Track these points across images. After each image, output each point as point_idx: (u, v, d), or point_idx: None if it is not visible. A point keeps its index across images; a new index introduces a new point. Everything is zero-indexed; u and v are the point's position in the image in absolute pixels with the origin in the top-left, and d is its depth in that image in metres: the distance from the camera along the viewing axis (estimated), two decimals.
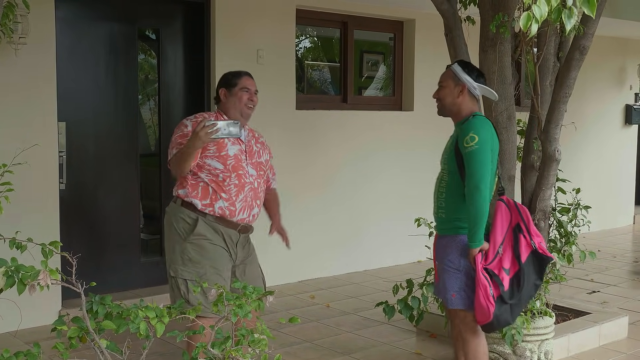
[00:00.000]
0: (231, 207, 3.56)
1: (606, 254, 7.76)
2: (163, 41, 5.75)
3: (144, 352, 2.44)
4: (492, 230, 3.42)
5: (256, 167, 3.68)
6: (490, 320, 3.32)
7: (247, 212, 3.62)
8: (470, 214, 3.30)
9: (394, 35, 7.23)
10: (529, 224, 3.46)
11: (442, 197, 3.46)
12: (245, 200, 3.59)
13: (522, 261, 3.39)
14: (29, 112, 4.89)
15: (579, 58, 4.42)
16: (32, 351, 2.31)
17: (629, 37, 9.32)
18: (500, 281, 3.33)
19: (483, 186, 3.26)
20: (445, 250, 3.45)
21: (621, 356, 4.56)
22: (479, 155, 3.28)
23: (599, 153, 9.28)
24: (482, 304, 3.29)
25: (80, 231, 5.34)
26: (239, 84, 3.72)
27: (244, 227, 3.64)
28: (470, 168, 3.29)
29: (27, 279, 2.20)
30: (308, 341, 4.77)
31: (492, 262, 3.34)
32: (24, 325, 4.43)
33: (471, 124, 3.37)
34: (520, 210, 3.48)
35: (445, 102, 3.49)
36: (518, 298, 3.39)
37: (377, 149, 6.93)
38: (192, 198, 3.56)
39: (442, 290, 3.46)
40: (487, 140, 3.32)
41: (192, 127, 3.57)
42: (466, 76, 3.44)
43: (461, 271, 3.38)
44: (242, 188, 3.58)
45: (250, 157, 3.67)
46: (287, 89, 6.26)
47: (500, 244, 3.39)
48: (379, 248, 6.94)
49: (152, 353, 2.75)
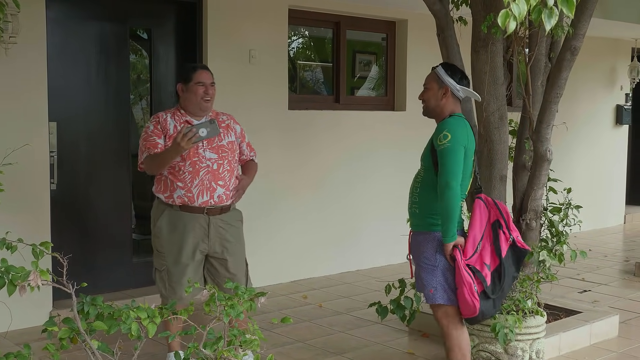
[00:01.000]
0: (188, 193, 3.71)
1: (597, 253, 7.79)
2: (155, 41, 5.73)
3: (136, 352, 2.43)
4: (471, 226, 3.53)
5: (217, 150, 3.78)
6: (476, 315, 3.42)
7: (207, 194, 3.73)
8: (441, 210, 3.39)
9: (387, 35, 7.24)
10: (508, 220, 3.56)
11: (417, 192, 3.56)
12: (202, 184, 3.72)
13: (502, 256, 3.49)
14: (20, 112, 4.86)
15: (570, 59, 4.43)
16: (23, 352, 2.30)
17: (619, 38, 9.36)
18: (484, 277, 3.43)
19: (454, 183, 3.34)
20: (420, 247, 3.54)
21: (612, 355, 4.58)
22: (451, 153, 3.37)
23: (590, 153, 9.31)
24: (468, 300, 3.38)
25: (71, 231, 5.31)
26: (194, 79, 3.81)
27: (210, 209, 3.72)
28: (442, 165, 3.39)
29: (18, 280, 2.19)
30: (300, 341, 4.77)
31: (471, 257, 3.44)
32: (15, 326, 4.40)
33: (446, 123, 3.48)
34: (500, 207, 3.58)
35: (430, 104, 3.60)
36: (500, 291, 3.50)
37: (369, 149, 6.93)
38: (157, 193, 3.83)
39: (420, 287, 3.56)
40: (460, 138, 3.41)
41: (153, 127, 3.79)
42: (449, 79, 3.53)
43: (437, 267, 3.46)
44: (197, 173, 3.71)
45: (209, 142, 3.75)
46: (279, 89, 6.25)
47: (480, 240, 3.48)
48: (371, 248, 6.94)
49: (144, 354, 2.74)
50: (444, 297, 3.46)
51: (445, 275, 3.46)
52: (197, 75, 3.81)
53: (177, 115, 3.84)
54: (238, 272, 3.90)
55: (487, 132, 4.42)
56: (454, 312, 3.50)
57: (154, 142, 3.75)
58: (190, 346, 2.37)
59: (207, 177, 3.71)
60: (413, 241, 3.60)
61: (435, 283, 3.46)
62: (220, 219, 3.81)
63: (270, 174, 5.98)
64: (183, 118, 3.82)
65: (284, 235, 6.36)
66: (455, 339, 3.52)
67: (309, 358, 4.46)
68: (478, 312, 3.39)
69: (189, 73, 3.86)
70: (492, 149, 4.42)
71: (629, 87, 9.78)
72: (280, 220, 6.34)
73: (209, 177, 3.72)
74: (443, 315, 3.52)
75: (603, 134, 9.57)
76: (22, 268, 2.23)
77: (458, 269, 3.39)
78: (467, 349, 3.56)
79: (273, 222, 6.23)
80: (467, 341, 3.56)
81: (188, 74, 3.86)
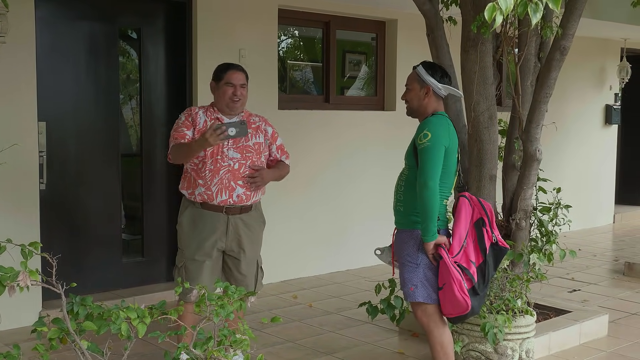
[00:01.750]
0: (207, 191, 3.73)
1: (587, 252, 7.83)
2: (144, 41, 5.72)
3: (126, 352, 2.43)
4: (456, 224, 3.54)
5: (241, 150, 3.78)
6: (467, 312, 3.43)
7: (227, 193, 3.74)
8: (420, 209, 3.41)
9: (376, 35, 7.25)
10: (491, 219, 3.57)
11: (401, 190, 3.58)
12: (221, 182, 3.72)
13: (486, 254, 3.51)
14: (9, 112, 4.84)
15: (559, 58, 4.45)
16: (12, 353, 2.29)
17: (609, 38, 9.40)
18: (472, 274, 3.45)
19: (432, 183, 3.36)
20: (402, 245, 3.55)
21: (601, 354, 4.60)
22: (430, 152, 3.38)
23: (579, 153, 9.35)
24: (458, 297, 3.38)
25: (60, 231, 5.29)
26: (224, 78, 3.82)
27: (229, 208, 3.73)
28: (421, 164, 3.41)
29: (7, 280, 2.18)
30: (291, 341, 4.77)
31: (457, 254, 3.45)
32: (4, 326, 4.39)
33: (427, 122, 3.49)
34: (484, 206, 3.59)
35: (413, 105, 3.64)
36: (485, 288, 3.53)
37: (359, 149, 6.94)
38: (182, 190, 3.86)
39: (402, 284, 3.57)
40: (440, 137, 3.41)
41: (185, 118, 3.83)
42: (430, 78, 3.54)
43: (419, 265, 3.47)
44: (217, 172, 3.71)
45: (235, 141, 3.75)
46: (269, 88, 6.25)
47: (465, 238, 3.49)
48: (361, 247, 6.93)
49: (134, 354, 2.73)
50: (423, 295, 3.48)
51: (427, 273, 3.47)
52: (228, 76, 3.80)
53: (209, 111, 3.85)
54: (248, 274, 3.92)
55: (476, 132, 4.43)
56: (433, 310, 3.51)
57: (182, 132, 3.77)
58: (180, 346, 2.37)
59: (226, 176, 3.71)
60: (397, 239, 3.62)
61: (415, 281, 3.48)
62: (241, 218, 3.82)
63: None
64: (215, 115, 3.82)
65: (273, 234, 6.35)
66: (437, 337, 3.53)
67: (299, 358, 4.46)
68: (469, 309, 3.40)
69: (220, 72, 3.85)
70: (482, 148, 4.43)
71: (618, 87, 9.82)
72: (270, 219, 6.29)
73: (229, 176, 3.72)
74: (422, 313, 3.53)
75: (592, 134, 9.62)
76: (11, 268, 2.22)
77: (446, 267, 3.39)
78: (450, 347, 3.56)
79: None
80: (449, 339, 3.57)
81: (220, 73, 3.85)
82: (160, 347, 4.27)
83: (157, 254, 5.84)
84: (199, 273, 3.76)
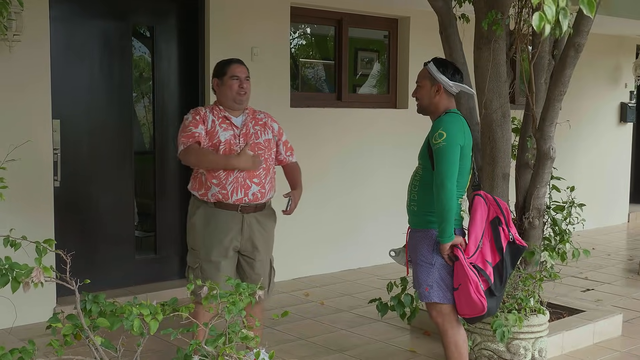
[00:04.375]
0: (222, 190, 3.69)
1: (601, 252, 7.78)
2: (157, 39, 5.74)
3: (139, 349, 2.44)
4: (472, 224, 3.50)
5: (253, 148, 3.76)
6: (483, 314, 3.40)
7: (242, 192, 3.71)
8: (437, 210, 3.36)
9: (389, 32, 7.23)
10: (508, 218, 3.54)
11: (415, 189, 3.54)
12: (236, 181, 3.70)
13: (503, 252, 3.47)
14: (24, 110, 4.87)
15: (574, 56, 4.42)
16: (27, 348, 2.31)
17: (624, 35, 9.34)
18: (488, 275, 3.41)
19: (449, 183, 3.32)
20: (417, 245, 3.52)
21: (615, 354, 4.58)
22: (447, 152, 3.33)
23: (593, 151, 9.29)
24: (475, 299, 3.34)
25: (74, 228, 5.32)
26: (228, 72, 3.78)
27: (244, 207, 3.72)
28: (438, 165, 3.36)
29: (21, 277, 2.20)
30: (302, 338, 4.78)
31: (473, 255, 3.41)
32: (19, 322, 4.42)
33: (442, 121, 3.44)
34: (500, 204, 3.56)
35: (423, 102, 3.58)
36: (502, 288, 3.49)
37: (371, 147, 6.93)
38: (193, 190, 3.82)
39: (416, 284, 3.55)
40: (456, 136, 3.37)
41: (191, 117, 3.77)
42: (441, 76, 3.50)
43: (434, 265, 3.44)
44: (232, 170, 3.69)
45: (246, 139, 3.74)
46: (281, 86, 6.25)
47: (481, 238, 3.46)
48: (373, 245, 6.94)
49: (146, 350, 2.75)
50: (439, 296, 3.45)
51: (442, 273, 3.44)
52: (232, 69, 3.78)
53: (215, 111, 3.81)
54: (263, 274, 3.90)
55: (489, 130, 4.41)
56: (448, 310, 3.48)
57: (190, 132, 3.72)
58: (192, 343, 2.37)
59: (241, 175, 3.69)
60: (410, 239, 3.59)
61: (431, 281, 3.45)
62: (255, 217, 3.80)
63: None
64: (221, 114, 3.78)
65: (285, 232, 6.34)
66: (452, 337, 3.51)
67: (311, 355, 4.46)
68: (485, 310, 3.37)
69: (223, 67, 3.82)
70: (495, 146, 4.41)
71: (634, 85, 9.76)
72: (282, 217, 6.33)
73: (244, 174, 3.70)
74: (438, 314, 3.51)
75: (607, 132, 9.55)
76: (25, 265, 2.24)
77: (462, 268, 3.35)
78: (464, 347, 3.54)
79: None
80: (463, 339, 3.54)
81: (222, 68, 3.82)
82: (173, 344, 4.28)
83: (169, 251, 5.86)
84: (216, 273, 3.69)
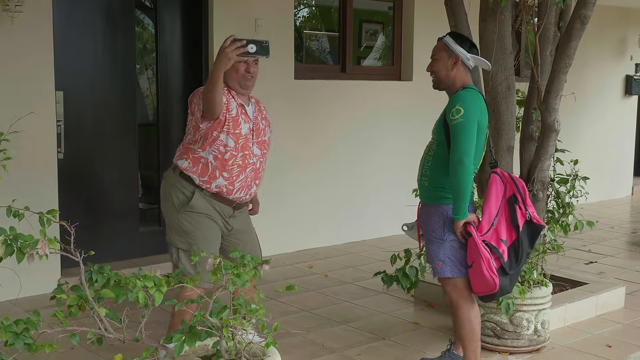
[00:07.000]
0: (229, 186, 3.55)
1: (604, 224, 7.79)
2: (161, 10, 5.69)
3: (143, 320, 2.45)
4: (487, 202, 3.46)
5: (261, 146, 3.66)
6: (495, 292, 3.36)
7: (245, 191, 3.62)
8: (454, 187, 3.32)
9: (393, 4, 7.17)
10: (525, 196, 3.49)
11: (428, 164, 3.50)
12: (245, 181, 3.59)
13: (519, 231, 3.43)
14: (26, 81, 4.85)
15: (579, 28, 4.37)
16: (32, 319, 2.33)
17: (630, 7, 9.24)
18: (501, 254, 3.38)
19: (467, 160, 3.28)
20: (428, 220, 3.49)
21: (618, 326, 4.60)
22: (464, 128, 3.28)
23: (598, 124, 9.25)
24: (487, 276, 3.32)
25: (78, 200, 5.34)
26: None
27: (238, 204, 3.66)
28: (455, 141, 3.30)
29: (26, 248, 2.20)
30: (306, 310, 4.80)
31: (486, 233, 3.38)
32: (24, 293, 4.44)
33: (459, 97, 3.37)
34: (517, 182, 3.51)
35: (440, 76, 3.48)
36: (517, 267, 3.45)
37: (375, 119, 6.91)
38: (191, 173, 3.55)
39: (429, 260, 3.53)
40: (473, 113, 3.32)
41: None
42: (459, 47, 3.43)
43: (445, 240, 3.42)
44: (244, 169, 3.57)
45: (256, 135, 3.63)
46: (285, 58, 6.22)
47: (495, 216, 3.42)
48: (377, 218, 6.95)
49: (151, 322, 2.76)
50: (453, 270, 3.43)
51: (454, 248, 3.41)
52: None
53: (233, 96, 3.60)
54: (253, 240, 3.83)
55: (494, 103, 4.39)
56: (462, 284, 3.45)
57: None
58: (197, 314, 2.38)
59: (250, 175, 3.60)
60: (422, 213, 3.57)
61: (443, 256, 3.43)
62: (241, 212, 3.73)
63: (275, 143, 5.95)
64: (238, 100, 3.60)
65: (289, 205, 6.38)
66: (465, 312, 3.48)
67: (314, 327, 4.49)
68: (497, 288, 3.34)
69: None
70: (500, 119, 4.39)
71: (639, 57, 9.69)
72: (286, 190, 6.34)
73: (252, 175, 3.62)
74: (452, 288, 3.48)
75: (612, 105, 9.50)
76: (30, 236, 2.24)
77: (475, 245, 3.33)
78: (477, 322, 3.52)
79: (278, 191, 6.24)
80: (476, 314, 3.52)
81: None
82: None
83: None
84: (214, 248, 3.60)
